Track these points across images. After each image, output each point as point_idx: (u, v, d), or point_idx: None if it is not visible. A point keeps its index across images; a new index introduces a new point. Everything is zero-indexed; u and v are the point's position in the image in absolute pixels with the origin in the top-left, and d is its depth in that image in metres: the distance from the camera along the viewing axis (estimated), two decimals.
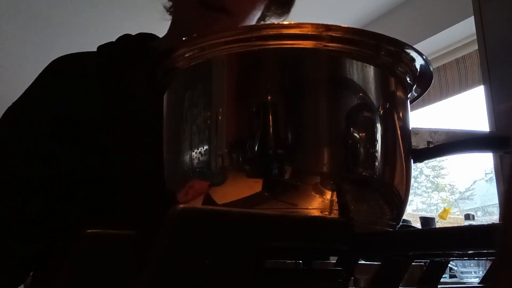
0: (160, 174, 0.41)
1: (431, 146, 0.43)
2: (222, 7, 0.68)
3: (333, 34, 0.38)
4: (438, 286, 0.45)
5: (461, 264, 1.60)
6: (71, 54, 0.75)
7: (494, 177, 1.27)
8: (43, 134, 0.66)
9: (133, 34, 0.79)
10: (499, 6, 1.26)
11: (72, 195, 0.65)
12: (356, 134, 0.37)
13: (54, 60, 0.74)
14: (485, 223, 0.26)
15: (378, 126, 0.39)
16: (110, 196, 0.64)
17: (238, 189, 0.37)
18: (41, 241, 0.65)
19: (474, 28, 1.32)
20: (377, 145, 0.38)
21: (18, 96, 0.72)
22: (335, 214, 0.36)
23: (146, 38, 0.80)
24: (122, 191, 0.64)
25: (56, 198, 0.65)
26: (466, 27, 2.20)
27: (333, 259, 0.47)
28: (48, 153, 0.65)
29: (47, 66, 0.73)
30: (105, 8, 2.73)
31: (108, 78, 0.71)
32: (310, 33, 0.38)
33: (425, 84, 0.46)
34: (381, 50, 0.40)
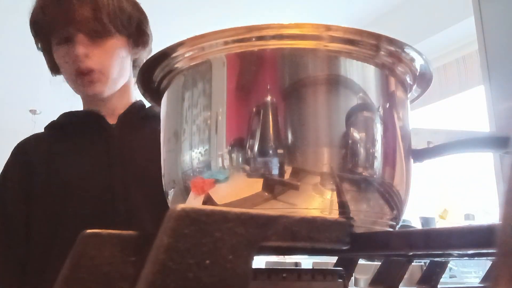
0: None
1: (431, 146, 0.43)
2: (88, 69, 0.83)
3: (333, 34, 0.38)
4: (438, 286, 0.45)
5: (461, 264, 1.60)
6: (28, 137, 0.93)
7: (494, 177, 1.27)
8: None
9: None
10: (499, 6, 1.26)
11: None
12: (356, 134, 0.37)
13: (17, 144, 0.92)
14: (485, 223, 0.25)
15: (378, 126, 0.39)
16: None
17: (238, 189, 0.37)
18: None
19: (474, 28, 1.32)
20: (377, 145, 0.38)
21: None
22: (335, 214, 0.36)
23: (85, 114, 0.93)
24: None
25: None
26: (466, 27, 2.20)
27: (333, 259, 0.47)
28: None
29: (12, 150, 0.91)
30: None
31: (55, 151, 0.87)
32: (310, 33, 0.38)
33: (425, 84, 0.46)
34: (381, 50, 0.40)
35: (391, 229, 0.40)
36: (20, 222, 0.83)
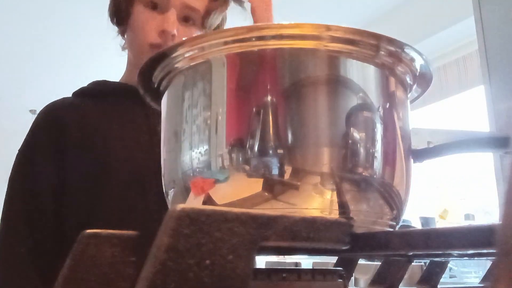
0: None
1: (431, 146, 0.43)
2: None
3: (333, 34, 0.38)
4: (438, 286, 0.45)
5: (461, 264, 1.60)
6: (56, 101, 0.84)
7: (494, 177, 1.27)
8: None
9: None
10: (499, 6, 1.26)
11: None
12: (356, 134, 0.37)
13: (44, 108, 0.83)
14: (485, 223, 0.25)
15: (378, 126, 0.39)
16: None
17: (238, 189, 0.37)
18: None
19: (474, 28, 1.32)
20: (377, 145, 0.38)
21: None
22: (335, 214, 0.36)
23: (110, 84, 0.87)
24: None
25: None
26: (466, 27, 2.20)
27: (333, 259, 0.47)
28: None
29: (39, 115, 0.83)
30: None
31: (90, 119, 0.81)
32: (310, 33, 0.38)
33: (425, 84, 0.46)
34: (381, 50, 0.40)
35: (391, 229, 0.40)
36: (48, 185, 0.75)
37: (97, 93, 0.84)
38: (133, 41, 0.83)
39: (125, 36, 0.86)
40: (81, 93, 0.85)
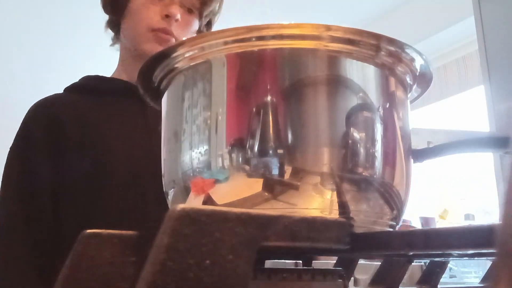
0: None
1: (431, 146, 0.43)
2: (169, 34, 0.80)
3: (333, 34, 0.38)
4: (438, 286, 0.45)
5: (461, 264, 1.60)
6: (48, 97, 0.84)
7: (493, 177, 1.27)
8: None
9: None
10: (499, 6, 1.26)
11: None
12: (356, 134, 0.37)
13: (36, 105, 0.82)
14: (485, 223, 0.26)
15: (378, 126, 0.39)
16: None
17: (238, 189, 0.37)
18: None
19: (474, 28, 1.32)
20: (377, 145, 0.38)
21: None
22: (335, 214, 0.36)
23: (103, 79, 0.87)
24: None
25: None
26: (466, 27, 2.20)
27: (333, 259, 0.47)
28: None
29: (32, 111, 0.81)
30: None
31: (87, 113, 0.79)
32: (310, 33, 0.38)
33: (425, 84, 0.46)
34: (381, 50, 0.40)
35: (391, 229, 0.40)
36: (47, 184, 0.74)
37: (91, 89, 0.83)
38: (133, 29, 0.81)
39: (121, 26, 0.85)
40: (74, 89, 0.84)
